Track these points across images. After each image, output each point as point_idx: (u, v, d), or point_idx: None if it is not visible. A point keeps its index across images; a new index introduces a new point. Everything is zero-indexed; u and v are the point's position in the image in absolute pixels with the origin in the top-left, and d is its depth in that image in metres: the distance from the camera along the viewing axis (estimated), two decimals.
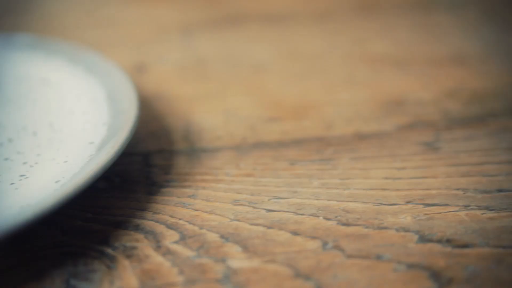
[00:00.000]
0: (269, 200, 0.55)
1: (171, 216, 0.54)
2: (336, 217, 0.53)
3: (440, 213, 0.53)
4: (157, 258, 0.50)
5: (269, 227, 0.53)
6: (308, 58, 0.78)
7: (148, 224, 0.54)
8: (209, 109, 0.69)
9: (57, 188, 0.51)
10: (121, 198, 0.57)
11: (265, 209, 0.54)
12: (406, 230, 0.51)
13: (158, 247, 0.51)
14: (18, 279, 0.49)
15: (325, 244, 0.50)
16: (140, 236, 0.52)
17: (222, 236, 0.52)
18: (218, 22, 0.86)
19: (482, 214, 0.52)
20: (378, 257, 0.49)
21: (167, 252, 0.51)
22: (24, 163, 0.57)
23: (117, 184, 0.58)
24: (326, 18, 0.86)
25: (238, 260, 0.50)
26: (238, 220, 0.53)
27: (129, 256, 0.50)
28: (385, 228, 0.52)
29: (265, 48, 0.80)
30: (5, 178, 0.56)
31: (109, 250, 0.51)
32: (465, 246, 0.49)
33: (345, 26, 0.85)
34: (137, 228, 0.53)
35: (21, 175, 0.56)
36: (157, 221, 0.54)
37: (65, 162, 0.56)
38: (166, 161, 0.61)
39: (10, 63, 0.71)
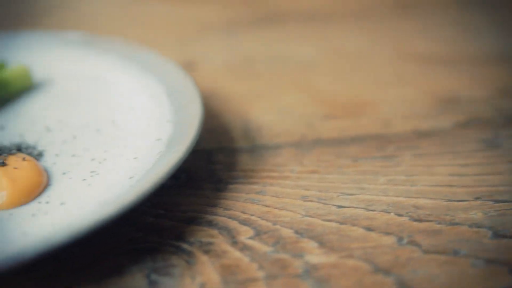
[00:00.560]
0: (337, 196, 0.56)
1: (243, 212, 0.55)
2: (407, 213, 0.53)
3: (511, 209, 0.53)
4: (235, 254, 0.50)
5: (341, 223, 0.53)
6: (353, 57, 0.78)
7: (220, 220, 0.54)
8: (264, 106, 0.69)
9: (133, 184, 0.52)
10: (189, 194, 0.57)
11: (335, 205, 0.55)
12: (478, 226, 0.52)
13: (234, 242, 0.51)
14: (99, 274, 0.49)
15: (400, 239, 0.51)
16: (214, 232, 0.53)
17: (296, 232, 0.52)
18: (259, 21, 0.87)
19: None
20: (455, 253, 0.49)
21: (244, 248, 0.51)
22: (92, 159, 0.57)
23: (183, 181, 0.58)
24: (364, 17, 0.87)
25: (316, 256, 0.50)
26: (310, 216, 0.54)
27: (206, 252, 0.51)
28: (458, 224, 0.52)
29: (310, 46, 0.81)
30: (76, 174, 0.56)
31: (186, 246, 0.51)
32: None
33: (384, 24, 0.85)
34: (210, 224, 0.54)
35: (92, 171, 0.56)
36: (229, 217, 0.54)
37: (135, 158, 0.56)
38: (229, 158, 0.61)
39: (63, 60, 0.71)
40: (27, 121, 0.64)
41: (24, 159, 0.56)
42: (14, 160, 0.56)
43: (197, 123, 0.57)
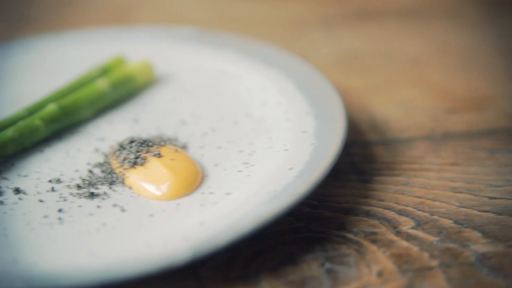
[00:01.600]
0: (486, 188, 0.57)
1: (397, 203, 0.55)
2: None
3: None
4: (402, 243, 0.51)
5: (498, 214, 0.54)
6: (461, 52, 0.79)
7: (377, 210, 0.55)
8: (384, 100, 0.70)
9: (298, 175, 0.52)
10: (337, 186, 0.58)
11: (486, 196, 0.56)
12: None
13: (397, 232, 0.52)
14: (273, 262, 0.50)
15: None
16: (375, 222, 0.53)
17: (456, 222, 0.53)
18: (355, 17, 0.87)
19: None
20: None
21: (410, 238, 0.52)
22: (240, 151, 0.58)
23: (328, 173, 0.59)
24: (461, 13, 0.88)
25: (482, 245, 0.51)
26: (464, 207, 0.55)
27: (373, 241, 0.51)
28: None
29: (414, 42, 0.81)
30: (229, 166, 0.56)
31: (351, 236, 0.52)
32: None
33: (482, 20, 0.86)
34: (368, 214, 0.54)
35: (245, 163, 0.56)
36: (385, 208, 0.55)
37: (286, 150, 0.57)
38: (364, 150, 0.62)
39: (181, 55, 0.72)
40: (159, 114, 0.65)
41: (176, 150, 0.57)
42: (167, 151, 0.56)
43: (342, 115, 0.58)
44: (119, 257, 0.47)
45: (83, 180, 0.56)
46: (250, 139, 0.59)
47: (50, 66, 0.72)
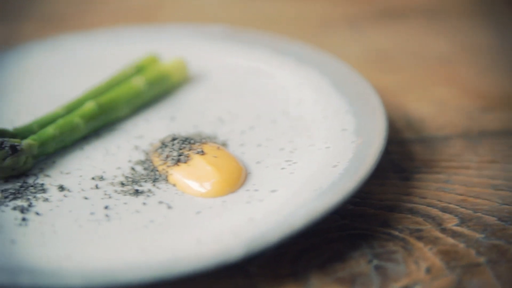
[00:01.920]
0: None
1: (439, 201, 0.55)
2: None
3: None
4: (448, 240, 0.51)
5: None
6: (488, 50, 0.79)
7: (420, 208, 0.55)
8: (417, 99, 0.70)
9: (342, 173, 0.53)
10: (378, 184, 0.58)
11: None
12: None
13: (442, 229, 0.52)
14: (321, 259, 0.50)
15: None
16: (418, 219, 0.54)
17: (500, 219, 0.53)
18: (381, 15, 0.88)
19: None
20: None
21: (455, 235, 0.52)
22: (281, 149, 0.58)
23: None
24: (487, 11, 0.88)
25: None
26: (507, 204, 0.55)
27: (419, 238, 0.52)
28: None
29: (441, 40, 0.81)
30: (271, 163, 0.56)
31: (396, 233, 0.52)
32: None
33: (508, 18, 0.86)
34: (411, 211, 0.54)
35: (287, 160, 0.57)
36: (428, 205, 0.55)
37: (327, 148, 0.57)
38: (402, 148, 0.62)
39: (213, 53, 0.72)
40: (195, 112, 0.65)
41: (218, 148, 0.57)
42: (210, 149, 0.56)
43: (381, 112, 0.58)
44: (171, 254, 0.47)
45: (126, 177, 0.56)
46: (289, 137, 0.60)
47: (83, 65, 0.72)
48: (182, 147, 0.57)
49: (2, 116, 0.64)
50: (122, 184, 0.55)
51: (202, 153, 0.56)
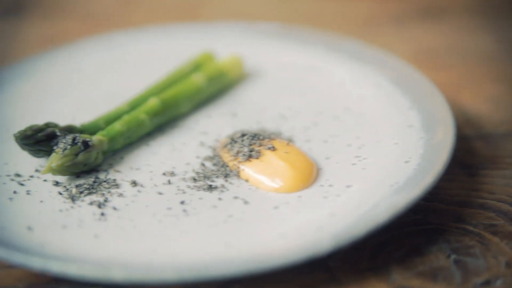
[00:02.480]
0: None
1: (509, 196, 0.56)
2: None
3: None
4: None
5: None
6: None
7: (491, 203, 0.55)
8: (471, 96, 0.71)
9: (416, 168, 0.53)
10: (446, 180, 0.58)
11: None
12: None
13: None
14: (400, 254, 0.50)
15: None
16: (491, 214, 0.54)
17: None
18: (425, 13, 0.88)
19: None
20: None
21: None
22: (348, 145, 0.59)
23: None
24: None
25: None
26: None
27: (494, 233, 0.52)
28: None
29: (486, 38, 0.82)
30: (340, 159, 0.57)
31: (471, 228, 0.53)
32: None
33: None
34: (483, 207, 0.55)
35: (356, 156, 0.57)
36: (498, 201, 0.55)
37: (396, 144, 0.57)
38: (464, 145, 0.63)
39: (268, 51, 0.72)
40: (256, 108, 0.65)
41: (288, 144, 0.57)
42: (280, 145, 0.57)
43: (447, 108, 0.59)
44: (257, 249, 0.47)
45: (197, 173, 0.56)
46: (355, 133, 0.60)
47: (136, 62, 0.72)
48: (252, 143, 0.57)
49: (62, 113, 0.64)
50: (194, 179, 0.55)
51: (273, 148, 0.56)
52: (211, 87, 0.66)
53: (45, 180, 0.55)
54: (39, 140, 0.56)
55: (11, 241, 0.48)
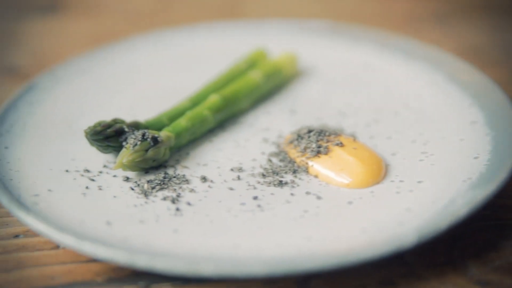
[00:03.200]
0: None
1: None
2: None
3: None
4: None
5: None
6: None
7: None
8: None
9: (488, 164, 0.53)
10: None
11: None
12: None
13: None
14: (474, 248, 0.51)
15: None
16: None
17: None
18: (468, 9, 0.88)
19: None
20: None
21: None
22: (413, 141, 0.59)
23: None
24: None
25: None
26: None
27: None
28: None
29: None
30: (407, 155, 0.57)
31: None
32: None
33: None
34: None
35: (423, 152, 0.57)
36: None
37: (461, 140, 0.58)
38: None
39: (321, 48, 0.73)
40: (314, 105, 0.65)
41: (354, 140, 0.58)
42: (347, 141, 0.57)
43: (509, 104, 0.59)
44: (339, 243, 0.47)
45: (265, 169, 0.56)
46: (417, 130, 0.60)
47: (188, 59, 0.73)
48: (319, 139, 0.57)
49: (120, 109, 0.64)
50: (263, 175, 0.55)
51: (341, 144, 0.56)
52: (268, 84, 0.67)
53: (114, 176, 0.56)
54: (108, 136, 0.56)
55: (93, 235, 0.48)
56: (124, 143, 0.56)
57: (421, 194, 0.52)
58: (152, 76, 0.70)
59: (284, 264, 0.45)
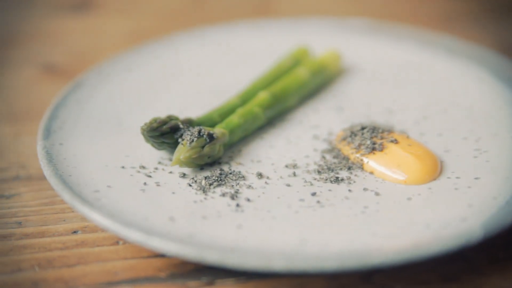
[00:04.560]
0: None
1: None
2: None
3: None
4: None
5: None
6: None
7: None
8: None
9: None
10: None
11: None
12: None
13: None
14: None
15: None
16: None
17: None
18: (504, 9, 0.88)
19: None
20: None
21: None
22: (464, 138, 0.59)
23: None
24: None
25: None
26: None
27: None
28: None
29: None
30: (460, 152, 0.57)
31: None
32: None
33: None
34: None
35: (476, 149, 0.58)
36: None
37: None
38: None
39: (363, 46, 0.73)
40: (361, 102, 0.66)
41: (407, 137, 0.58)
42: (401, 138, 0.57)
43: None
44: (404, 239, 0.48)
45: (320, 165, 0.56)
46: (467, 127, 0.60)
47: (231, 56, 0.73)
48: (372, 136, 0.57)
49: (167, 106, 0.64)
50: (319, 172, 0.56)
51: (395, 141, 0.57)
52: (314, 81, 0.67)
53: (170, 172, 0.56)
54: (163, 132, 0.56)
55: (158, 231, 0.48)
56: (180, 140, 0.56)
57: (481, 190, 0.52)
58: (197, 73, 0.70)
59: (354, 259, 0.45)
